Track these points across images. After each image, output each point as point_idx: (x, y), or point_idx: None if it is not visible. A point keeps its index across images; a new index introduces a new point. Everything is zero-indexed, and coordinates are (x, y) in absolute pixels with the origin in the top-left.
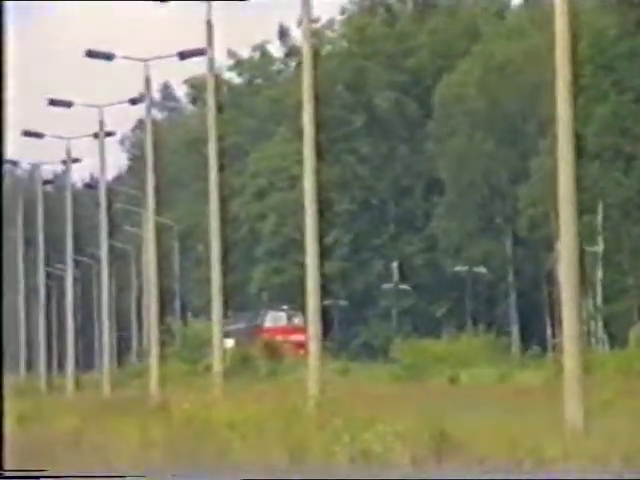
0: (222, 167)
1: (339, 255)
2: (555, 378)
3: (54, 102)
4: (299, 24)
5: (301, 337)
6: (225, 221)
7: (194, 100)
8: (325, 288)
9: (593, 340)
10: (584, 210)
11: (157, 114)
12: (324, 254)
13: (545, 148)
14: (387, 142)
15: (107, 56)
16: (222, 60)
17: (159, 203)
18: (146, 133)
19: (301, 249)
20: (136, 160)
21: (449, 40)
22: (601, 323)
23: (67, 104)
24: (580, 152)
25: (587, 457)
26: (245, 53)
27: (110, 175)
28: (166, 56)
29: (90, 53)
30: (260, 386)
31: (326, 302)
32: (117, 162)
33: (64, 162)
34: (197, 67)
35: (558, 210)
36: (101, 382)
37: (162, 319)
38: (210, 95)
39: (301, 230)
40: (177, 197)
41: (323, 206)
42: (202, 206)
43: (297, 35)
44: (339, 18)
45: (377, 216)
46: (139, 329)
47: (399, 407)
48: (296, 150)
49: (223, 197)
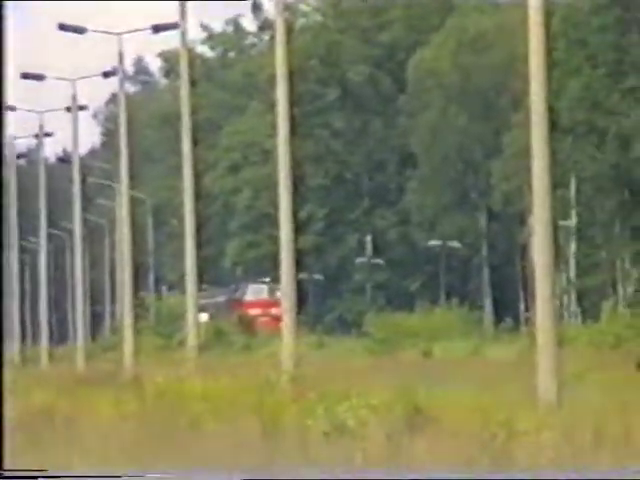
0: (195, 141)
1: (313, 229)
2: (528, 351)
3: (26, 75)
4: None
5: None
6: (199, 195)
7: (167, 74)
8: (299, 262)
9: (566, 314)
10: (557, 184)
11: (130, 88)
12: (298, 228)
13: (518, 122)
14: (361, 116)
15: (79, 30)
16: (195, 34)
17: (133, 177)
18: (119, 107)
19: (275, 223)
20: (109, 134)
21: (423, 14)
22: (574, 297)
23: (39, 77)
24: (553, 126)
25: (559, 429)
26: (218, 27)
27: (83, 149)
28: (139, 30)
29: (62, 27)
30: (234, 360)
31: (300, 276)
32: (90, 136)
33: (37, 136)
34: (170, 41)
35: (531, 184)
36: (75, 355)
37: (136, 293)
38: (183, 69)
39: (275, 204)
40: (151, 171)
41: (297, 180)
42: (176, 180)
43: (270, 8)
44: None
45: (351, 190)
46: (112, 303)
47: (373, 381)
48: (270, 124)
49: (197, 171)
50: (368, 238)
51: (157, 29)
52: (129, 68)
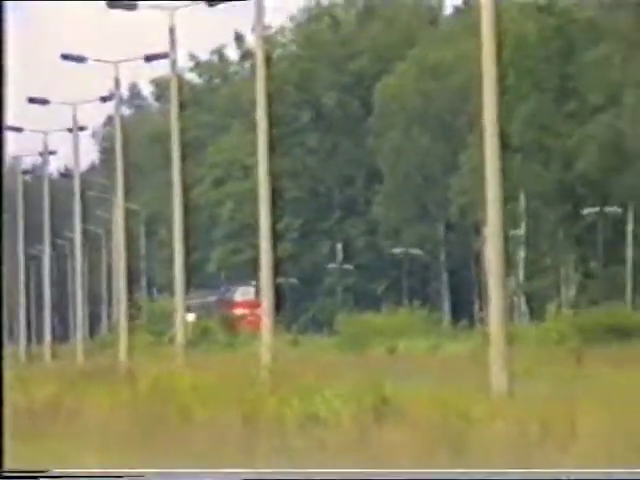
0: (184, 158)
1: (289, 238)
2: (482, 348)
3: (32, 100)
4: (253, 30)
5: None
6: (186, 207)
7: (158, 98)
8: (277, 268)
9: (516, 314)
10: (508, 198)
11: (125, 111)
12: (276, 237)
13: (473, 142)
14: (332, 136)
15: (80, 59)
16: (184, 62)
17: (127, 191)
18: (115, 128)
19: (255, 232)
20: (106, 152)
21: (388, 45)
22: (523, 298)
23: (44, 101)
24: (504, 146)
25: (511, 418)
26: (204, 56)
27: (83, 166)
28: (134, 59)
29: (65, 56)
30: (219, 356)
31: (278, 280)
32: (89, 154)
33: (41, 154)
34: (162, 69)
35: (485, 198)
36: (75, 352)
37: (130, 296)
38: (173, 94)
39: (255, 215)
40: (143, 186)
41: (275, 194)
42: (166, 193)
43: (251, 40)
44: (289, 25)
45: (323, 203)
46: (109, 304)
47: (343, 375)
48: (250, 143)
49: (185, 185)
50: (339, 246)
51: (149, 58)
52: (124, 93)
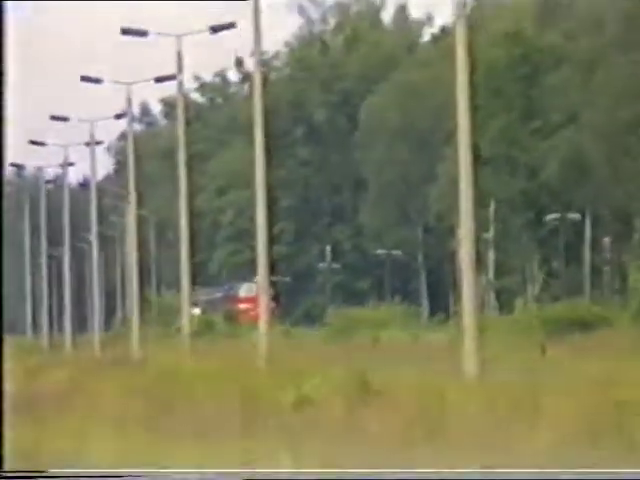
0: (189, 170)
1: (284, 241)
2: (456, 338)
3: (54, 117)
4: (251, 55)
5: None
6: (191, 213)
7: (167, 115)
8: (273, 267)
9: (486, 308)
10: (479, 205)
11: (137, 127)
12: (272, 240)
13: (449, 155)
14: (322, 149)
15: (97, 80)
16: (189, 83)
17: (139, 199)
18: (128, 142)
19: (253, 236)
20: (120, 164)
21: (372, 68)
22: (493, 294)
23: (64, 119)
24: (476, 159)
25: (481, 399)
26: (208, 78)
27: (99, 176)
28: (145, 80)
29: (83, 78)
30: (220, 345)
31: (274, 279)
32: (105, 166)
33: (62, 166)
34: (170, 89)
35: (459, 205)
36: (92, 342)
37: (141, 292)
38: (179, 112)
39: (253, 221)
40: (153, 194)
41: (271, 201)
42: (173, 201)
43: (250, 64)
44: (284, 50)
45: (314, 209)
46: (122, 299)
47: (332, 362)
48: (249, 156)
49: (190, 194)
50: (328, 248)
51: (159, 80)
52: (136, 111)
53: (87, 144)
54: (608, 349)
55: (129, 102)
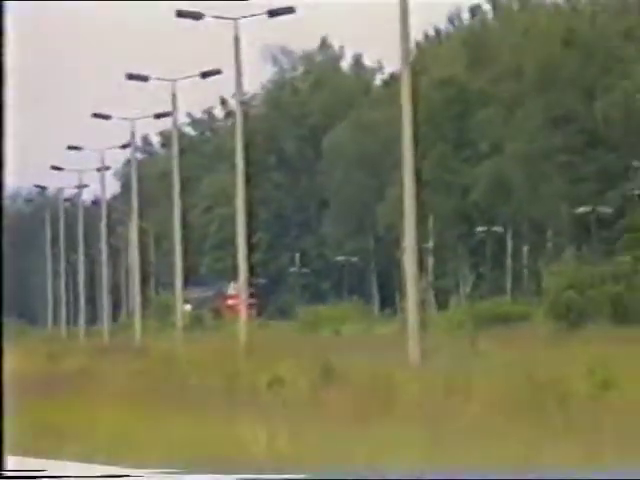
0: (182, 190)
1: (260, 249)
2: (402, 330)
3: (70, 147)
4: (233, 96)
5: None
6: (184, 226)
7: (164, 145)
8: (251, 271)
9: (427, 306)
10: (420, 220)
11: (139, 155)
12: (250, 248)
13: (396, 179)
14: (292, 174)
15: (106, 117)
16: (183, 119)
17: (140, 214)
18: (132, 168)
19: (235, 245)
20: (125, 186)
21: (333, 107)
22: (432, 294)
23: (78, 148)
24: (418, 182)
25: (422, 382)
26: (198, 114)
27: (108, 196)
28: (146, 116)
29: (95, 115)
30: (208, 336)
31: (254, 281)
32: (113, 187)
33: (78, 187)
34: (166, 124)
35: (404, 220)
36: (102, 332)
37: (142, 291)
38: (174, 142)
39: (235, 232)
40: (152, 211)
41: (249, 217)
42: (169, 216)
43: (232, 103)
44: (260, 92)
45: (285, 223)
46: (127, 297)
47: (300, 350)
48: (231, 179)
49: (183, 210)
50: (297, 255)
51: (157, 116)
52: (138, 142)
53: (98, 169)
54: (526, 339)
55: (132, 135)
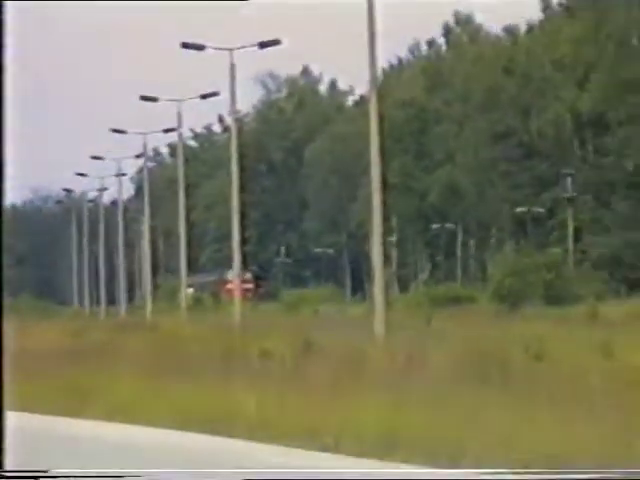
0: (186, 193)
1: (252, 243)
2: (370, 310)
3: (93, 157)
4: (229, 114)
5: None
6: (188, 223)
7: (171, 155)
8: (244, 260)
9: (391, 290)
10: (385, 218)
11: (150, 164)
12: (243, 242)
13: (365, 184)
14: (278, 180)
15: (121, 131)
16: (187, 133)
17: (151, 213)
18: (144, 175)
19: (230, 239)
20: (139, 190)
21: (313, 123)
22: (395, 280)
23: (100, 158)
24: (384, 186)
25: (387, 353)
26: (199, 128)
27: (124, 198)
28: (156, 131)
29: (114, 130)
30: (207, 315)
31: (254, 270)
32: (128, 191)
33: (99, 190)
34: (173, 137)
35: (372, 218)
36: (119, 312)
37: (153, 277)
38: (179, 153)
39: (231, 228)
40: (161, 210)
41: (242, 215)
42: (175, 215)
43: (228, 120)
44: (252, 111)
45: (273, 221)
46: (140, 283)
47: (285, 326)
48: (228, 184)
49: (187, 210)
50: (282, 248)
51: (166, 131)
52: (150, 152)
53: (116, 175)
54: (473, 318)
55: (145, 147)
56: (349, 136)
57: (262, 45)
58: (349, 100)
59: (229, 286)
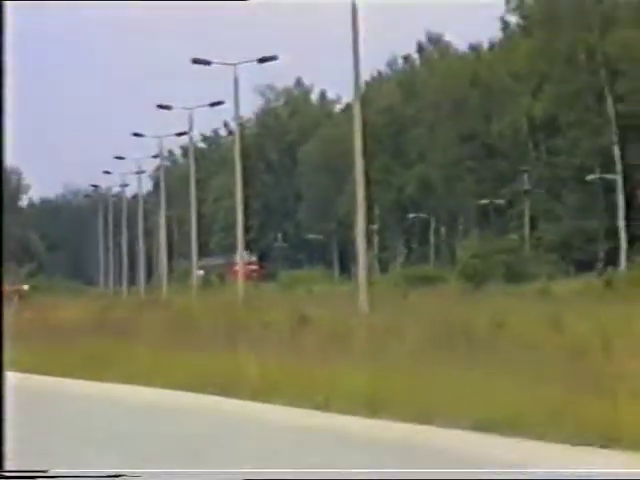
0: (197, 187)
1: (254, 231)
2: (356, 288)
3: (116, 157)
4: (233, 120)
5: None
6: (198, 214)
7: (184, 156)
8: (247, 246)
9: (373, 271)
10: (368, 209)
11: (166, 163)
12: (246, 230)
13: (351, 179)
14: (276, 177)
15: (139, 135)
16: (197, 137)
17: (167, 206)
18: (161, 173)
19: (235, 228)
20: (156, 185)
21: (306, 127)
22: (377, 262)
23: (122, 158)
24: (367, 181)
25: (371, 326)
26: (208, 132)
27: (143, 192)
28: (170, 135)
29: (135, 134)
30: (215, 294)
31: (257, 254)
32: (147, 186)
33: (121, 186)
34: (185, 140)
35: (357, 208)
36: (139, 291)
37: (169, 261)
38: (191, 154)
39: (235, 218)
40: (175, 202)
41: (246, 207)
42: (187, 207)
43: (233, 125)
44: (252, 117)
45: (271, 212)
46: (157, 266)
47: (283, 303)
48: (233, 180)
49: (198, 202)
50: (279, 234)
51: (178, 134)
52: (166, 154)
53: (137, 173)
54: (443, 295)
55: (160, 149)
56: (337, 138)
57: (261, 60)
58: (336, 107)
59: (236, 268)
